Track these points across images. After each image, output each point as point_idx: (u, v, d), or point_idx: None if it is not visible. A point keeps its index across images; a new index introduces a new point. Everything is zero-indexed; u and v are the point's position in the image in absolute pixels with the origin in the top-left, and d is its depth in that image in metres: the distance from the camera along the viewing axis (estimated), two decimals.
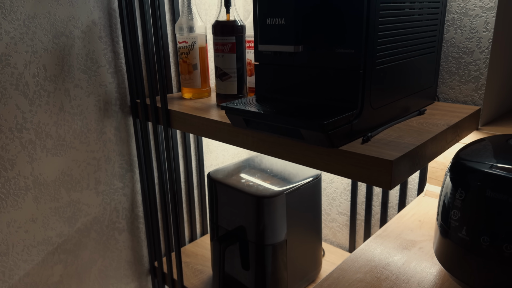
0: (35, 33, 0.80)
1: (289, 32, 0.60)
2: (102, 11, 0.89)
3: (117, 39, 0.93)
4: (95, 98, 0.92)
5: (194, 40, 0.93)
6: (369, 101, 0.63)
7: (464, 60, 0.81)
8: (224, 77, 0.87)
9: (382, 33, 0.62)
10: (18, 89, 0.80)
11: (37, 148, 0.85)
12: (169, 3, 1.01)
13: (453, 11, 0.80)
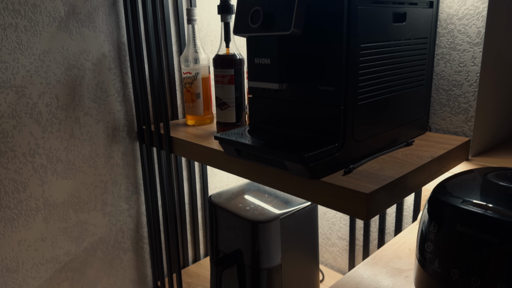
0: (49, 66, 0.87)
1: (273, 71, 0.64)
2: (112, 44, 0.96)
3: (126, 70, 1.00)
4: (104, 125, 0.98)
5: (197, 71, 0.99)
6: (351, 134, 0.67)
7: (454, 92, 0.84)
8: (223, 107, 0.92)
9: (363, 71, 0.66)
10: (32, 118, 0.87)
11: (48, 172, 0.91)
12: (176, 36, 1.07)
13: (442, 46, 0.83)
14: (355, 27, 0.62)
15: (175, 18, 1.06)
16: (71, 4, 0.88)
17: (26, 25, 0.82)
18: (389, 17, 0.69)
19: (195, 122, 1.03)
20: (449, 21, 0.81)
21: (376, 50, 0.67)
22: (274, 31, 0.61)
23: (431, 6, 0.79)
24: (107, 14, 0.94)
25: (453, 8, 0.80)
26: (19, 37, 0.82)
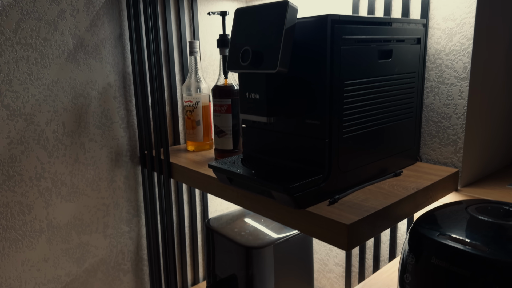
0: (57, 95, 0.93)
1: (262, 105, 0.68)
2: (118, 74, 1.02)
3: (130, 98, 1.05)
4: (107, 150, 1.03)
5: (198, 100, 1.03)
6: (337, 165, 0.69)
7: (443, 124, 0.86)
8: (221, 134, 0.96)
9: (348, 106, 0.69)
10: (39, 143, 0.92)
11: (53, 195, 0.95)
12: (179, 65, 1.12)
13: (431, 79, 0.86)
14: (339, 66, 0.65)
15: (178, 49, 1.11)
16: (79, 38, 0.94)
17: (37, 58, 0.88)
18: (375, 55, 0.72)
19: (195, 148, 1.07)
20: (437, 56, 0.85)
21: (361, 86, 0.71)
22: (262, 69, 0.65)
23: (419, 42, 0.82)
24: (113, 46, 1.00)
25: (441, 44, 0.84)
26: (30, 68, 0.88)
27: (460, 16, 0.80)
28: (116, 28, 0.99)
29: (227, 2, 1.20)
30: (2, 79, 0.85)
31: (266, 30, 0.65)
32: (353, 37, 0.67)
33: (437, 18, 0.83)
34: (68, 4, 0.91)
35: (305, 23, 0.66)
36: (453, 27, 0.81)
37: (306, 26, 0.66)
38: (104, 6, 0.97)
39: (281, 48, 0.62)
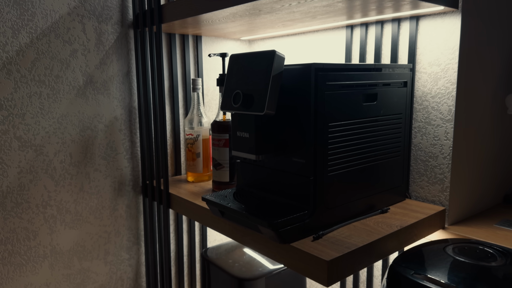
0: (66, 128, 0.99)
1: (251, 144, 0.72)
2: (124, 108, 1.08)
3: (135, 131, 1.11)
4: (111, 180, 1.08)
5: (198, 133, 1.09)
6: (323, 202, 0.73)
7: (430, 163, 0.89)
8: (218, 167, 1.00)
9: (333, 146, 0.73)
10: (47, 173, 0.97)
11: (57, 222, 1.00)
12: (183, 100, 1.19)
13: (419, 120, 0.90)
14: (323, 109, 0.70)
15: (183, 85, 1.18)
16: (89, 75, 1.01)
17: (49, 93, 0.95)
18: (359, 98, 0.77)
19: (194, 179, 1.11)
20: (424, 98, 0.89)
21: (346, 127, 0.75)
22: (251, 111, 0.70)
23: (405, 86, 0.87)
24: (121, 83, 1.07)
25: (427, 87, 0.88)
26: (42, 103, 0.95)
27: (444, 62, 0.84)
28: (124, 65, 1.07)
29: (230, 41, 1.27)
30: (16, 112, 0.92)
31: (256, 75, 0.70)
32: (337, 83, 0.72)
33: (423, 63, 0.88)
34: (80, 44, 0.99)
35: (292, 70, 0.71)
36: (438, 71, 0.86)
37: (293, 73, 0.71)
38: (113, 46, 1.04)
39: (268, 93, 0.68)
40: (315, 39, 1.11)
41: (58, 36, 0.95)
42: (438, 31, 0.85)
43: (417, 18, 0.88)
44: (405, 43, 0.91)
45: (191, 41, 1.18)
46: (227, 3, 0.76)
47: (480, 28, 0.86)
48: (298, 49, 1.16)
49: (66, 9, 0.96)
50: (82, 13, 0.98)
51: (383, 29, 0.94)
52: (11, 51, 0.89)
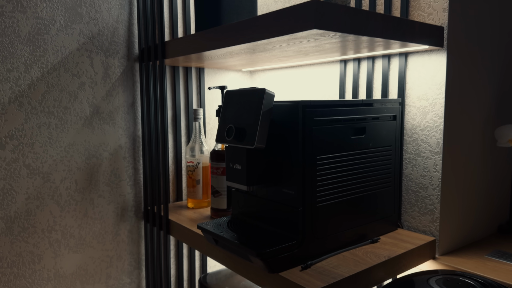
0: (72, 156, 1.04)
1: (243, 176, 0.76)
2: (128, 137, 1.13)
3: (138, 158, 1.16)
4: (114, 206, 1.12)
5: (199, 161, 1.13)
6: (312, 232, 0.76)
7: (420, 194, 0.91)
8: (216, 194, 1.04)
9: (321, 178, 0.76)
10: (53, 199, 1.02)
11: (62, 246, 1.04)
12: (185, 129, 1.24)
13: (409, 152, 0.93)
14: (311, 143, 0.74)
15: (185, 114, 1.23)
16: (96, 106, 1.07)
17: (57, 124, 1.01)
18: (347, 132, 0.80)
19: (194, 205, 1.15)
20: (413, 131, 0.92)
21: (334, 160, 0.78)
22: (243, 144, 0.74)
23: (395, 119, 0.90)
24: (126, 113, 1.12)
25: (416, 120, 0.91)
26: (50, 133, 1.00)
27: (432, 96, 0.88)
28: (129, 97, 1.12)
29: (232, 73, 1.33)
30: (26, 142, 0.97)
31: (248, 111, 0.75)
32: (324, 118, 0.76)
33: (412, 97, 0.92)
34: (88, 77, 1.05)
35: (282, 106, 0.75)
36: (426, 106, 0.89)
37: (283, 109, 0.75)
38: (119, 78, 1.10)
39: (259, 128, 0.72)
40: (312, 72, 1.16)
41: (67, 70, 1.01)
42: (426, 67, 0.88)
43: (405, 54, 0.92)
44: (395, 78, 0.95)
45: (194, 73, 1.24)
46: (222, 44, 0.82)
47: (466, 64, 0.89)
48: (297, 81, 1.21)
49: (76, 45, 1.02)
50: (90, 49, 1.05)
51: (374, 64, 0.99)
52: (23, 84, 0.96)
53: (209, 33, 0.86)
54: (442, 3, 0.84)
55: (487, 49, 0.94)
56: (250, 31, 0.74)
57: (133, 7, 1.11)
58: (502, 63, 0.99)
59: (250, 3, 0.97)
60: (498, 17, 0.96)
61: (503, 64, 0.99)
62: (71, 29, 1.01)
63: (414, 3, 0.89)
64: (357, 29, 0.66)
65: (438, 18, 0.85)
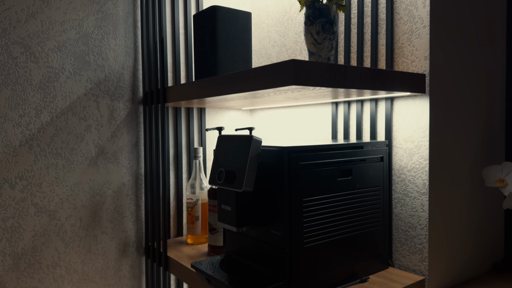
0: (78, 194, 1.10)
1: (232, 217, 0.80)
2: (131, 175, 1.19)
3: (141, 195, 1.21)
4: (116, 242, 1.17)
5: (198, 198, 1.17)
6: (299, 273, 0.79)
7: (410, 233, 0.94)
8: (213, 231, 1.07)
9: (308, 219, 0.80)
10: (58, 236, 1.07)
11: (65, 282, 1.09)
12: (186, 166, 1.29)
13: (398, 192, 0.96)
14: (296, 186, 0.78)
15: (187, 152, 1.28)
16: (101, 146, 1.13)
17: (64, 164, 1.07)
18: (334, 174, 0.84)
19: (193, 241, 1.18)
20: (401, 171, 0.95)
21: (320, 202, 0.82)
22: (232, 187, 0.78)
23: (382, 160, 0.94)
24: (129, 152, 1.18)
25: (403, 161, 0.95)
26: (57, 173, 1.07)
27: (417, 139, 0.92)
28: (133, 137, 1.19)
29: (233, 111, 1.39)
30: (35, 182, 1.03)
31: (237, 156, 0.80)
32: (309, 162, 0.80)
33: (399, 139, 0.95)
34: (94, 120, 1.12)
35: (269, 151, 0.80)
36: (412, 147, 0.93)
37: (270, 154, 0.80)
38: (124, 120, 1.17)
39: (246, 173, 0.76)
40: (307, 111, 1.21)
41: (75, 114, 1.09)
42: (411, 111, 0.93)
43: (391, 98, 0.96)
44: (383, 120, 0.99)
45: (195, 113, 1.30)
46: (216, 92, 0.88)
47: (450, 108, 0.93)
48: (293, 119, 1.26)
49: (83, 90, 1.10)
50: (97, 93, 1.12)
51: (363, 106, 1.03)
52: (33, 128, 1.03)
53: (205, 82, 0.92)
54: (423, 51, 0.89)
55: (470, 92, 0.98)
56: (240, 83, 0.80)
57: (138, 54, 1.19)
58: (486, 105, 1.03)
59: (245, 52, 1.04)
60: (481, 60, 1.00)
61: (487, 106, 1.03)
62: (79, 76, 1.09)
63: (398, 51, 0.95)
64: (335, 83, 0.71)
65: (421, 65, 0.90)
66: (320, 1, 0.82)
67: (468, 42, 0.97)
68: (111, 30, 1.14)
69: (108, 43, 1.14)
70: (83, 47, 1.10)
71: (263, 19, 1.36)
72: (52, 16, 1.05)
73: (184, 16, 1.26)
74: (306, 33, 0.83)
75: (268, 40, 1.34)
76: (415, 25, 0.91)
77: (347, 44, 1.05)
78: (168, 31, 1.22)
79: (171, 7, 1.22)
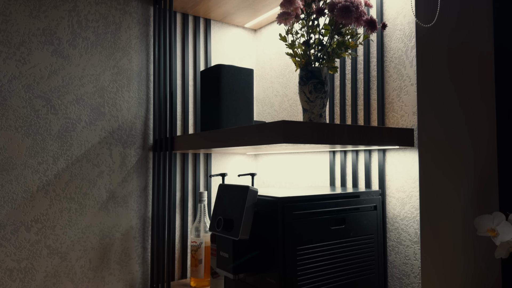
0: (88, 237, 1.16)
1: (230, 264, 0.85)
2: (139, 218, 1.25)
3: (147, 238, 1.26)
4: (123, 283, 1.21)
5: (202, 241, 1.22)
6: None
7: (404, 281, 0.96)
8: (215, 275, 1.11)
9: (302, 267, 0.84)
10: (68, 277, 1.13)
11: None
12: (192, 209, 1.35)
13: (392, 239, 1.00)
14: (290, 235, 0.83)
15: (193, 196, 1.34)
16: (112, 191, 1.20)
17: (77, 208, 1.15)
18: (327, 223, 0.89)
19: (196, 284, 1.22)
20: (395, 220, 0.99)
21: (314, 250, 0.86)
22: (229, 235, 0.84)
23: (376, 209, 0.98)
24: (138, 196, 1.25)
25: (396, 210, 0.99)
26: (70, 216, 1.13)
27: (408, 189, 0.96)
28: (142, 181, 1.26)
29: (238, 156, 1.46)
30: (49, 225, 1.10)
31: (235, 205, 0.85)
32: (303, 212, 0.85)
33: (392, 189, 1.00)
34: (107, 166, 1.20)
35: (265, 201, 0.85)
36: (404, 197, 0.97)
37: (265, 203, 0.85)
38: (135, 166, 1.25)
39: (242, 222, 0.82)
40: (307, 158, 1.27)
41: (89, 160, 1.17)
42: (402, 162, 0.98)
43: (383, 150, 1.02)
44: (376, 170, 1.04)
45: (202, 158, 1.37)
46: (217, 144, 0.95)
47: (439, 160, 0.98)
48: (294, 165, 1.32)
49: (98, 139, 1.19)
50: (110, 141, 1.21)
51: (358, 156, 1.09)
52: (50, 175, 1.11)
53: (208, 134, 1.00)
54: (411, 107, 0.96)
55: (460, 145, 1.03)
56: (238, 138, 0.87)
57: (150, 104, 1.28)
58: (478, 155, 1.07)
59: (247, 104, 1.12)
60: (471, 115, 1.06)
61: (479, 156, 1.07)
62: (94, 125, 1.18)
63: (389, 106, 1.01)
64: (323, 139, 0.77)
65: (409, 120, 0.96)
66: (312, 64, 0.89)
67: (457, 98, 1.03)
68: (125, 83, 1.24)
69: (122, 95, 1.23)
70: (99, 99, 1.19)
71: (267, 71, 1.45)
72: (72, 72, 1.16)
73: (194, 70, 1.36)
74: (300, 91, 0.91)
75: (272, 90, 1.43)
76: (403, 83, 0.98)
77: (342, 97, 1.12)
78: (178, 83, 1.32)
79: (182, 62, 1.33)
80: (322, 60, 0.89)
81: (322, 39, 0.89)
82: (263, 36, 1.48)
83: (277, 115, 1.40)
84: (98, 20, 1.20)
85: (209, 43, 1.40)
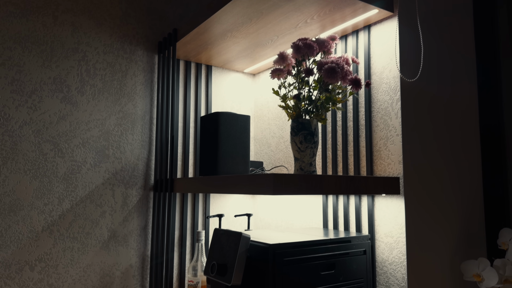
0: (89, 275, 1.20)
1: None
2: (139, 257, 1.29)
3: (146, 276, 1.30)
4: None
5: (198, 280, 1.26)
6: None
7: None
8: None
9: None
10: None
11: None
12: (190, 247, 1.39)
13: (381, 283, 1.03)
14: (281, 280, 0.86)
15: (191, 235, 1.39)
16: (113, 231, 1.25)
17: (79, 247, 1.19)
18: (317, 269, 0.93)
19: None
20: (383, 264, 1.03)
21: None
22: (222, 281, 0.88)
23: (365, 253, 1.02)
24: (138, 235, 1.30)
25: (385, 255, 1.03)
26: (72, 255, 1.18)
27: (396, 235, 1.00)
28: (142, 221, 1.31)
29: (235, 196, 1.51)
30: (52, 264, 1.15)
31: (228, 250, 0.90)
32: (294, 258, 0.89)
33: (380, 233, 1.04)
34: (109, 206, 1.25)
35: (257, 246, 0.90)
36: (392, 242, 1.01)
37: (257, 249, 0.90)
38: (136, 205, 1.30)
39: (235, 268, 0.86)
40: (303, 198, 1.31)
41: (92, 201, 1.22)
42: (389, 208, 1.02)
43: (372, 196, 1.07)
44: (366, 214, 1.09)
45: (201, 197, 1.42)
46: (213, 190, 1.00)
47: (425, 207, 1.02)
48: (290, 205, 1.36)
49: (101, 180, 1.25)
50: (113, 182, 1.27)
51: (349, 200, 1.14)
52: (55, 215, 1.16)
53: (204, 180, 1.06)
54: (397, 156, 1.01)
55: (445, 192, 1.08)
56: (233, 186, 0.92)
57: (152, 146, 1.35)
58: (466, 200, 1.11)
59: (243, 149, 1.18)
60: (452, 164, 1.11)
61: (467, 201, 1.12)
62: (98, 167, 1.25)
63: (377, 154, 1.07)
64: (311, 190, 0.83)
65: (396, 169, 1.01)
66: (303, 116, 0.96)
67: (440, 149, 1.08)
68: (129, 126, 1.31)
69: (126, 138, 1.30)
70: (104, 142, 1.26)
71: (265, 113, 1.52)
72: (79, 117, 1.23)
73: (195, 113, 1.43)
74: (292, 141, 0.97)
75: (269, 131, 1.49)
76: (389, 133, 1.04)
77: (334, 143, 1.18)
78: (180, 126, 1.39)
79: (184, 106, 1.40)
80: (312, 113, 0.96)
81: (311, 94, 0.96)
82: (262, 80, 1.56)
83: (274, 156, 1.46)
84: (105, 68, 1.29)
85: (210, 87, 1.47)
